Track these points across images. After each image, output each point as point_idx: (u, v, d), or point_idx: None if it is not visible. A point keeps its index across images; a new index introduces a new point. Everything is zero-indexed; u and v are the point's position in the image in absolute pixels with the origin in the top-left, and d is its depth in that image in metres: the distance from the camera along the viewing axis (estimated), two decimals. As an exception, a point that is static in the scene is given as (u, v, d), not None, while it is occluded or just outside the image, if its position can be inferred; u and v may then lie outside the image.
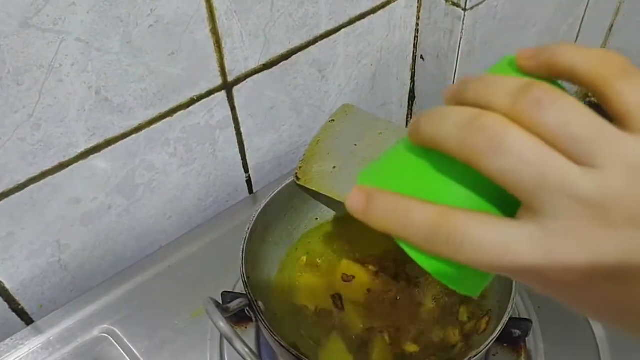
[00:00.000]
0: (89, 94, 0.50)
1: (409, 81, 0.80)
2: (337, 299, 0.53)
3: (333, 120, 0.55)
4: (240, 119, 0.63)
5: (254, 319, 0.47)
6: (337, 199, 0.53)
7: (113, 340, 0.56)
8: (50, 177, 0.53)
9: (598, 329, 0.56)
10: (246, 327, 0.57)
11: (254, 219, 0.50)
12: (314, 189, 0.53)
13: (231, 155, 0.66)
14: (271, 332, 0.43)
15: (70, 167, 0.53)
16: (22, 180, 0.51)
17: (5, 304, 0.58)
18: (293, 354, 0.42)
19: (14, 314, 0.59)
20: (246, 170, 0.69)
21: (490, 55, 0.77)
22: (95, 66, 0.49)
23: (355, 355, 0.49)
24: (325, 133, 0.55)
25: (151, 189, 0.61)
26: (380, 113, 0.79)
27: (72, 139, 0.52)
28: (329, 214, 0.58)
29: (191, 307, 0.57)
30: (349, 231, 0.58)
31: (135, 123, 0.55)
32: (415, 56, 0.76)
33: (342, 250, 0.56)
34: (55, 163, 0.52)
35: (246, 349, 0.38)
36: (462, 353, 0.49)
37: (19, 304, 0.59)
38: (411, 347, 0.48)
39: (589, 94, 1.06)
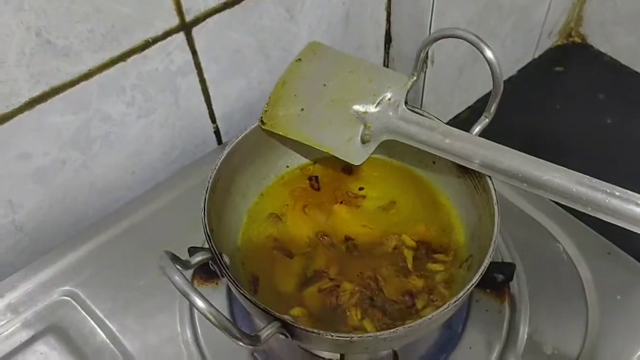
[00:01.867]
0: (29, 35, 0.45)
1: (385, 22, 0.75)
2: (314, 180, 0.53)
3: (300, 59, 0.51)
4: (202, 64, 0.59)
5: (219, 274, 0.44)
6: (305, 142, 0.49)
7: (75, 303, 0.53)
8: (-7, 131, 0.48)
9: (584, 270, 0.54)
10: (217, 283, 0.54)
11: (216, 167, 0.47)
12: (280, 133, 0.49)
13: (195, 104, 0.62)
14: (236, 285, 0.40)
15: (15, 119, 0.49)
16: (-38, 134, 0.47)
17: (-42, 269, 0.55)
18: (260, 308, 0.39)
19: (-31, 279, 0.56)
20: (213, 120, 0.65)
21: (469, -10, 0.73)
22: (32, 4, 0.44)
23: (299, 280, 0.47)
24: (291, 74, 0.51)
25: (109, 142, 0.57)
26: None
27: (14, 87, 0.47)
28: (300, 160, 0.54)
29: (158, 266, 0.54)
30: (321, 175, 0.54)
31: (84, 68, 0.50)
32: (390, -7, 0.72)
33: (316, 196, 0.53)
34: (-2, 114, 0.48)
35: (204, 305, 0.35)
36: (439, 300, 0.46)
37: (-26, 269, 0.55)
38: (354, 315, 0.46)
39: (572, 34, 1.02)
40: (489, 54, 0.46)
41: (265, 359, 0.50)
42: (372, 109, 0.49)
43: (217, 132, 0.67)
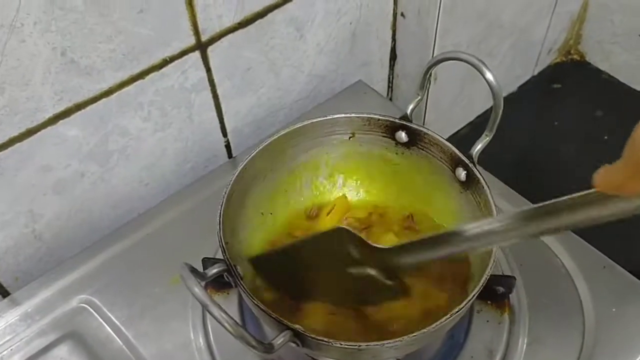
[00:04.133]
0: (54, 55, 0.48)
1: (390, 40, 0.78)
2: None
3: None
4: (216, 81, 0.61)
5: (233, 284, 0.46)
6: None
7: (92, 310, 0.55)
8: (18, 144, 0.51)
9: (581, 283, 0.56)
10: (228, 293, 0.56)
11: (231, 182, 0.49)
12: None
13: (208, 119, 0.64)
14: (250, 296, 0.42)
15: (39, 134, 0.51)
16: (-11, 147, 0.49)
17: (-21, 276, 0.57)
18: (273, 317, 0.41)
19: (-11, 286, 0.58)
20: (224, 135, 0.67)
21: (471, 11, 0.75)
22: (59, 25, 0.47)
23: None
24: None
25: (126, 155, 0.59)
26: (361, 73, 0.77)
27: (39, 103, 0.50)
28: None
29: (171, 275, 0.56)
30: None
31: (105, 86, 0.53)
32: (396, 13, 0.74)
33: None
34: (23, 129, 0.50)
35: (223, 315, 0.37)
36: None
37: (-6, 277, 0.58)
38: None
39: (571, 51, 1.05)
40: (489, 76, 0.48)
41: (274, 367, 0.52)
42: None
43: (227, 146, 0.69)
